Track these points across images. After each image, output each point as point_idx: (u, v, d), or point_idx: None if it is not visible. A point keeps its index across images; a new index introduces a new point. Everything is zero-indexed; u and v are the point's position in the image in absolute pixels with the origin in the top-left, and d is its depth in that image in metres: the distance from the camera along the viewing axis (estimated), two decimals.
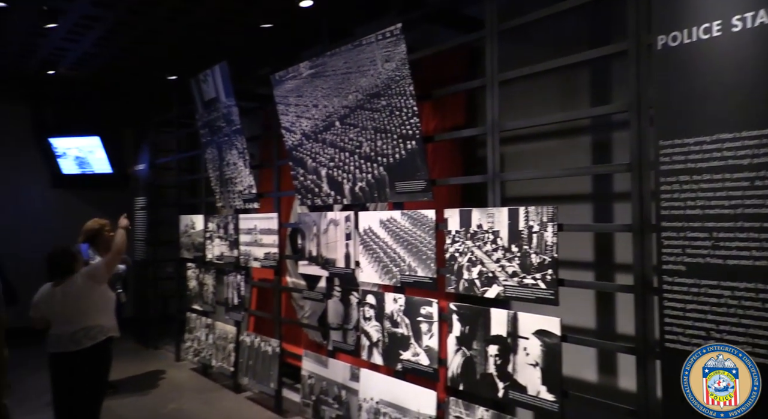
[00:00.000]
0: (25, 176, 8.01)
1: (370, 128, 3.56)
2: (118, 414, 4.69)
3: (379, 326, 3.63)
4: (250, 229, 4.99)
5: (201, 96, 5.36)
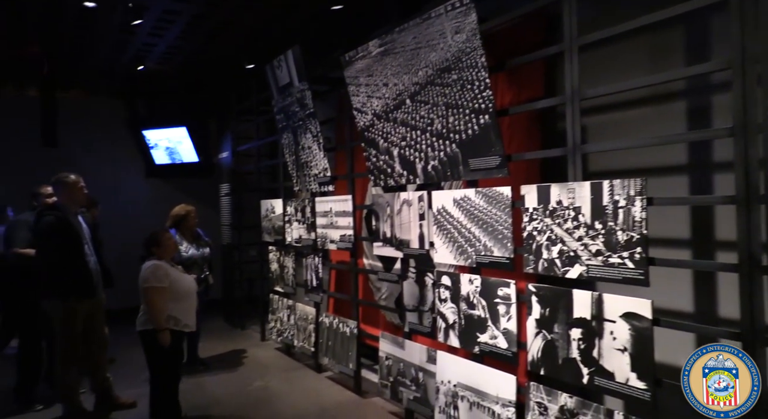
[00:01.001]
0: (123, 167, 8.58)
1: (441, 104, 3.44)
2: (208, 390, 4.93)
3: (455, 308, 3.54)
4: (326, 212, 5.04)
5: (276, 82, 5.44)
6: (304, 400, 4.65)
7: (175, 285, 3.82)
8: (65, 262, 4.11)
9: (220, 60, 6.85)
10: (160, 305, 3.72)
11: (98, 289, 4.35)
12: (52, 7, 5.19)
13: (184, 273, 4.08)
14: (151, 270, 3.76)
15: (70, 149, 7.67)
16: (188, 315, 3.93)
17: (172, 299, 3.79)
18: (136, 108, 8.35)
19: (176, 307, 3.81)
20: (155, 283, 3.72)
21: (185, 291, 3.90)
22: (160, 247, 3.88)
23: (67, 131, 7.64)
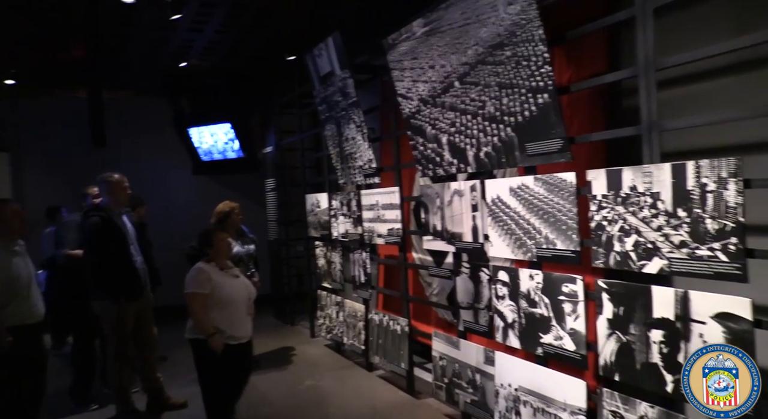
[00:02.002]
0: (171, 165, 8.65)
1: (493, 85, 3.15)
2: (259, 389, 4.83)
3: (514, 305, 3.26)
4: (372, 205, 4.83)
5: (317, 71, 5.26)
6: (355, 401, 4.49)
7: (217, 292, 3.45)
8: (111, 263, 4.08)
9: (260, 53, 6.73)
10: (201, 312, 3.41)
11: (145, 289, 4.31)
12: (93, 8, 5.17)
13: (234, 278, 3.64)
14: (193, 275, 3.48)
15: (119, 148, 7.76)
16: (233, 325, 3.50)
17: (215, 307, 3.45)
18: (181, 106, 8.37)
19: (219, 316, 3.44)
20: (195, 289, 3.43)
21: (228, 299, 3.49)
22: (212, 248, 3.59)
23: (116, 130, 7.71)
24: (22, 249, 3.55)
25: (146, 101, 8.49)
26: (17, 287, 3.34)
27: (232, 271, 3.66)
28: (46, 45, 6.24)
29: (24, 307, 3.36)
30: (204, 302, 3.42)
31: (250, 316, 3.64)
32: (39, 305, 3.53)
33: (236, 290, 3.55)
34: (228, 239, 3.69)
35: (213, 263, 3.57)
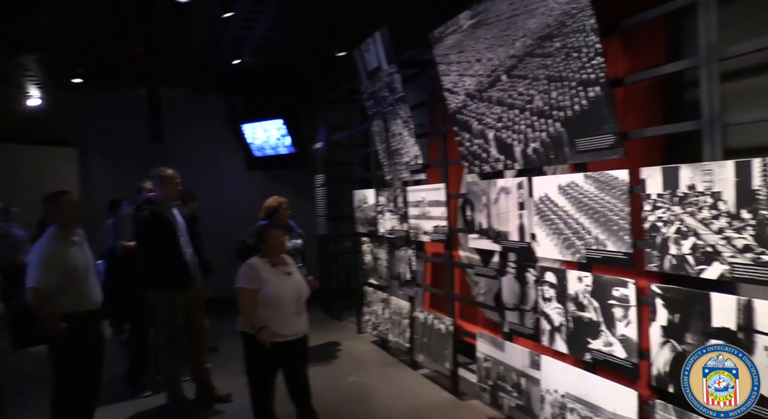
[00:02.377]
0: (225, 160, 8.86)
1: (542, 78, 3.01)
2: None
3: (561, 308, 3.13)
4: (418, 201, 4.76)
5: (365, 67, 5.23)
6: (398, 399, 4.44)
7: (264, 289, 3.43)
8: (161, 255, 4.20)
9: (310, 49, 6.77)
10: (249, 308, 3.41)
11: (194, 281, 4.40)
12: (148, 7, 5.34)
13: (286, 276, 3.55)
14: (244, 270, 3.48)
15: (175, 144, 8.01)
16: (278, 322, 3.44)
17: (262, 304, 3.43)
18: (235, 102, 8.55)
19: (265, 313, 3.42)
20: (244, 284, 3.44)
21: (273, 297, 3.43)
22: (264, 244, 3.56)
23: (173, 127, 7.97)
24: (81, 239, 3.65)
25: (202, 98, 8.72)
26: (73, 276, 3.43)
27: (285, 268, 3.59)
28: (109, 45, 6.50)
29: (79, 295, 3.47)
30: (252, 297, 3.42)
31: (299, 315, 3.52)
32: (95, 294, 3.61)
33: (284, 289, 3.49)
34: (282, 237, 3.61)
35: (265, 259, 3.53)
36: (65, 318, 3.37)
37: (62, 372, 3.48)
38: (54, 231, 3.50)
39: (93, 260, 3.79)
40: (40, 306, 3.33)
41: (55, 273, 3.35)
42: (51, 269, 3.34)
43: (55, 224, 3.52)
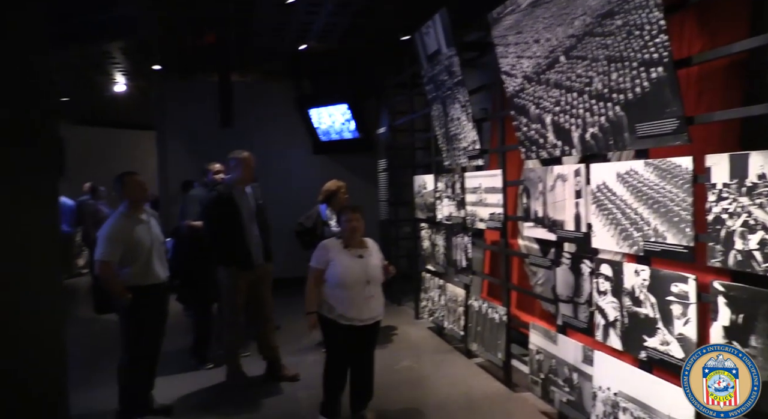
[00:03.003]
0: (293, 145, 9.05)
1: (601, 59, 2.84)
2: None
3: (616, 303, 2.97)
4: (475, 188, 4.66)
5: (425, 50, 5.15)
6: (449, 387, 4.41)
7: (330, 269, 3.46)
8: (224, 234, 4.33)
9: (374, 33, 6.76)
10: (311, 286, 3.51)
11: (257, 262, 4.44)
12: None
13: (357, 259, 3.52)
14: (317, 249, 3.58)
15: (244, 128, 8.26)
16: (343, 305, 3.45)
17: (327, 284, 3.49)
18: (303, 87, 8.70)
19: (330, 293, 3.48)
20: (312, 263, 3.54)
21: (339, 278, 3.44)
22: (340, 226, 3.63)
23: (243, 112, 8.23)
24: (149, 217, 3.84)
25: (271, 84, 8.94)
26: (138, 251, 3.64)
27: (359, 251, 3.55)
28: (185, 34, 6.79)
29: (143, 269, 3.66)
30: (316, 276, 3.50)
31: (366, 300, 3.47)
32: (159, 270, 3.79)
33: (351, 271, 3.45)
34: (356, 222, 3.55)
35: (340, 240, 3.57)
36: (130, 290, 3.58)
37: (128, 340, 3.72)
38: (122, 209, 3.73)
39: (161, 238, 3.93)
40: (104, 277, 3.60)
41: (119, 248, 3.56)
42: (115, 244, 3.56)
43: (124, 202, 3.74)
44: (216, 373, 4.79)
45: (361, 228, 3.58)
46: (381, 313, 3.60)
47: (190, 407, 4.13)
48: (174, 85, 8.77)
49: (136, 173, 3.86)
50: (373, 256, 3.60)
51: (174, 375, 4.68)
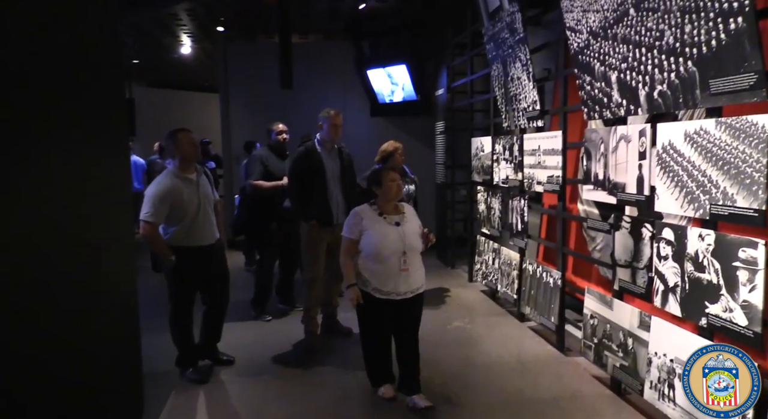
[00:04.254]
0: (352, 106, 9.07)
1: (674, 10, 2.67)
2: None
3: (677, 268, 2.87)
4: (534, 150, 4.55)
5: (486, 7, 5.01)
6: (500, 348, 4.44)
7: (364, 239, 3.19)
8: (307, 189, 4.31)
9: None
10: (345, 258, 3.25)
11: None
12: None
13: (393, 226, 3.25)
14: (349, 217, 3.31)
15: (304, 90, 8.34)
16: (378, 277, 3.20)
17: (361, 255, 3.23)
18: (362, 48, 8.65)
19: (364, 265, 3.23)
20: (345, 232, 3.25)
21: (373, 248, 3.17)
22: (380, 188, 3.27)
23: (303, 73, 8.30)
24: (198, 177, 3.72)
25: (331, 45, 8.96)
26: (184, 212, 3.57)
27: (395, 218, 3.27)
28: None
29: (189, 231, 3.62)
30: (350, 247, 3.23)
31: (403, 271, 3.19)
32: (206, 231, 3.73)
33: (385, 241, 3.17)
34: (399, 181, 3.30)
35: (375, 207, 3.29)
36: (174, 251, 3.56)
37: (171, 299, 3.75)
38: (171, 168, 3.66)
39: (210, 197, 3.85)
40: (147, 237, 3.53)
41: (164, 208, 3.50)
42: (160, 204, 3.48)
43: (174, 160, 3.66)
44: (273, 325, 5.02)
45: (400, 190, 3.32)
46: (422, 285, 3.36)
47: (249, 359, 4.22)
48: (236, 47, 8.93)
49: (190, 130, 3.78)
50: (411, 223, 3.30)
51: (235, 323, 4.90)
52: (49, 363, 2.11)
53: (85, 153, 2.51)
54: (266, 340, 4.66)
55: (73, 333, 2.32)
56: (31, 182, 2.02)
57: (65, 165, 2.30)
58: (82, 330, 2.40)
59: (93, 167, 2.59)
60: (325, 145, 4.38)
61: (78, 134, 2.44)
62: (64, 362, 2.23)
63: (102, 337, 2.64)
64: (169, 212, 3.54)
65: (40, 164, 2.10)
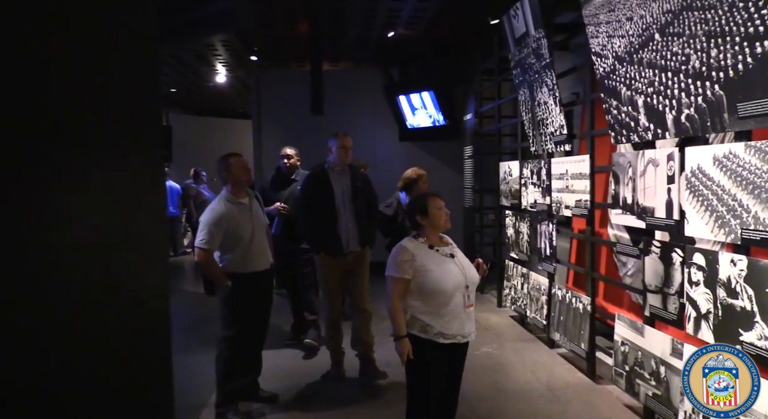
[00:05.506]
0: (381, 131, 9.21)
1: (700, 35, 2.68)
2: None
3: (709, 294, 2.81)
4: (562, 174, 4.54)
5: (513, 34, 5.06)
6: (529, 375, 4.37)
7: (421, 277, 2.68)
8: (316, 216, 4.09)
9: (462, 19, 6.71)
10: (396, 302, 2.70)
11: (351, 247, 4.11)
12: None
13: (448, 258, 2.76)
14: (394, 254, 2.77)
15: (334, 116, 8.51)
16: (442, 319, 2.67)
17: (418, 295, 2.69)
18: (391, 75, 8.81)
19: (423, 307, 2.69)
20: (394, 272, 2.72)
21: (435, 286, 2.66)
22: (426, 217, 2.78)
23: (333, 99, 8.47)
24: (251, 201, 3.65)
25: (361, 72, 9.15)
26: (238, 237, 3.49)
27: (446, 250, 2.82)
28: (280, 24, 7.11)
29: (243, 257, 3.52)
30: (401, 289, 2.71)
31: (468, 309, 2.75)
32: (261, 256, 3.61)
33: (448, 276, 2.70)
34: (444, 209, 2.85)
35: (421, 239, 2.79)
36: (231, 277, 3.47)
37: (223, 324, 3.59)
38: (224, 193, 3.59)
39: (263, 222, 3.75)
40: (203, 264, 3.47)
41: (220, 234, 3.42)
42: (216, 230, 3.42)
43: (227, 185, 3.60)
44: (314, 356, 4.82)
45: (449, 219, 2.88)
46: None
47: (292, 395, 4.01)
48: (269, 75, 9.20)
49: (240, 154, 3.71)
50: (461, 253, 2.87)
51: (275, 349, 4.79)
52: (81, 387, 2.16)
53: (123, 177, 2.62)
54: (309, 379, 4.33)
55: (102, 359, 2.37)
56: (71, 203, 2.12)
57: (104, 188, 2.41)
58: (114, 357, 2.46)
59: (130, 190, 2.70)
60: (335, 168, 4.16)
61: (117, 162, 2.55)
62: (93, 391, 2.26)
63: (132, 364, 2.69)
64: (224, 238, 3.46)
65: (80, 184, 2.21)
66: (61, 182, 2.04)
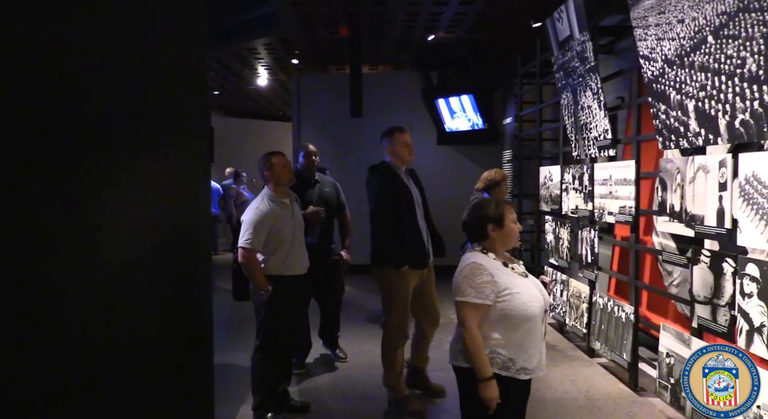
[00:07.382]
0: (418, 134, 9.15)
1: (757, 37, 2.58)
2: None
3: (763, 307, 2.70)
4: (605, 180, 4.43)
5: (556, 37, 4.99)
6: (568, 385, 4.28)
7: (507, 303, 2.21)
8: (397, 225, 3.57)
9: (503, 22, 6.64)
10: (477, 337, 2.20)
11: (429, 258, 3.77)
12: None
13: (524, 278, 2.33)
14: (468, 273, 2.26)
15: (373, 118, 8.54)
16: (526, 352, 2.24)
17: (498, 327, 2.23)
18: (430, 78, 8.79)
19: (504, 339, 2.23)
20: (471, 297, 2.21)
21: (522, 313, 2.21)
22: (501, 229, 2.31)
23: (372, 102, 8.51)
24: (291, 203, 3.55)
25: (400, 75, 9.16)
26: (280, 239, 3.39)
27: (520, 268, 2.39)
28: (320, 28, 7.19)
29: (284, 259, 3.42)
30: (481, 318, 2.22)
31: (545, 336, 2.38)
32: (300, 259, 3.52)
33: (533, 299, 2.25)
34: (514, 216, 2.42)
35: (491, 255, 2.33)
36: (272, 280, 3.36)
37: (261, 330, 3.48)
38: (266, 192, 3.50)
39: (302, 224, 3.65)
40: (246, 265, 3.35)
41: (263, 234, 3.33)
42: (259, 230, 3.32)
43: (268, 184, 3.53)
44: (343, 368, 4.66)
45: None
46: None
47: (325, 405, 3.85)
48: (309, 78, 9.31)
49: (283, 153, 3.58)
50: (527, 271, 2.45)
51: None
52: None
53: (173, 176, 2.69)
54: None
55: (148, 359, 2.41)
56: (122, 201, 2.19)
57: (152, 187, 2.48)
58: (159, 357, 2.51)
59: (179, 194, 2.77)
60: (401, 168, 3.69)
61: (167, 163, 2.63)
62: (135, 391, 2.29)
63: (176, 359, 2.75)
64: (266, 239, 3.35)
65: (131, 184, 2.28)
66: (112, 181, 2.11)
